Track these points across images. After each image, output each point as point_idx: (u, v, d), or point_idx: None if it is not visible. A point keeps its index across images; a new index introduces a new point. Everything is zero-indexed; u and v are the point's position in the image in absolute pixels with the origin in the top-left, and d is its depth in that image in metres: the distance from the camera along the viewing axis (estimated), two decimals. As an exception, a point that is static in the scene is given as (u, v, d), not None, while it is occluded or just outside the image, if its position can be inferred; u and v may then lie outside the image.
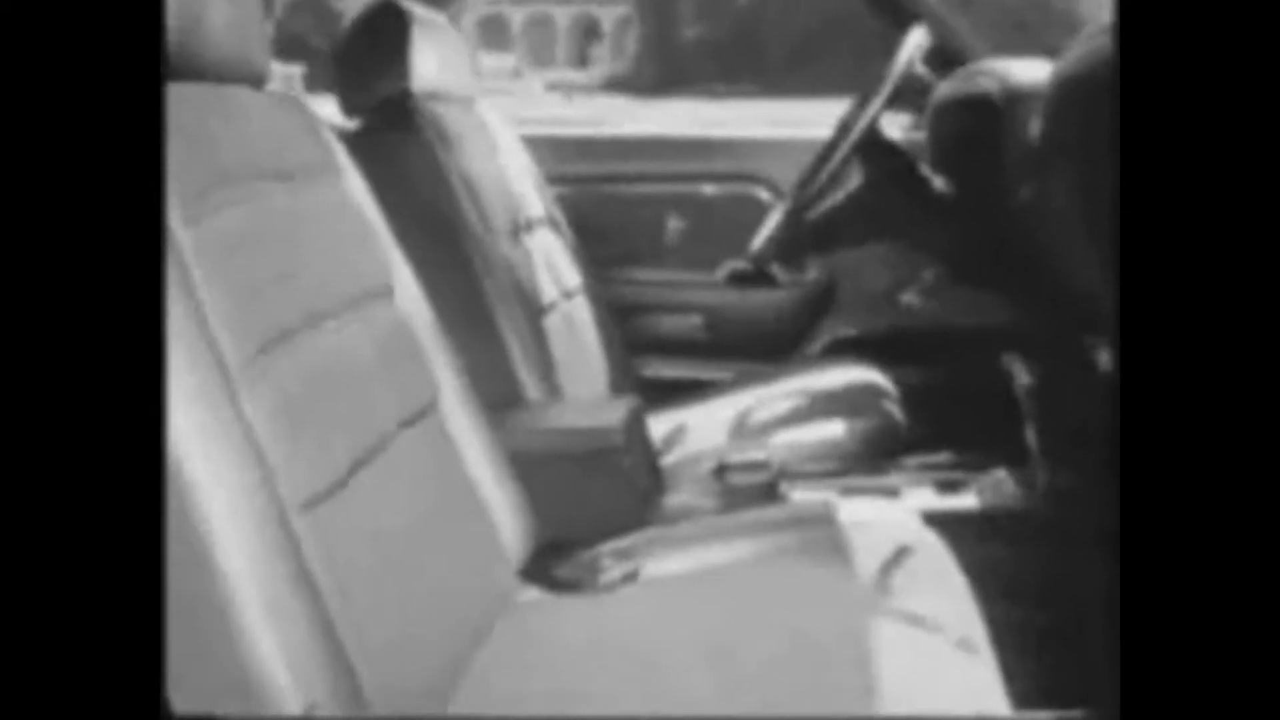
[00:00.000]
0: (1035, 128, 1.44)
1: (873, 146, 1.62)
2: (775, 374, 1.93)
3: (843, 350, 2.07)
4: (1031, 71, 1.49)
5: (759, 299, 2.14)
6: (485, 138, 1.80)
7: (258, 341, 0.95)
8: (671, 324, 2.17)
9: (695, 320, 2.16)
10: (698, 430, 1.75)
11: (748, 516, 1.36)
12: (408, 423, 1.17)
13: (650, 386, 2.05)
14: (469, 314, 1.42)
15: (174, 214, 0.91)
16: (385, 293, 1.22)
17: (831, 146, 1.85)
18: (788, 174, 2.08)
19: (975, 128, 1.56)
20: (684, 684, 0.98)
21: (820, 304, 2.14)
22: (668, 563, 1.26)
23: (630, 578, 1.25)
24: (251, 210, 1.02)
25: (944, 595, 1.09)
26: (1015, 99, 1.46)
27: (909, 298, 2.06)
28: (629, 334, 2.09)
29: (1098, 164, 1.21)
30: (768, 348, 2.12)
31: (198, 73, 1.02)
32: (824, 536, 1.24)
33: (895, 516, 1.28)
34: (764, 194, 2.14)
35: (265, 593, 0.86)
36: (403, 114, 1.64)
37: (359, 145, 1.26)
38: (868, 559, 1.16)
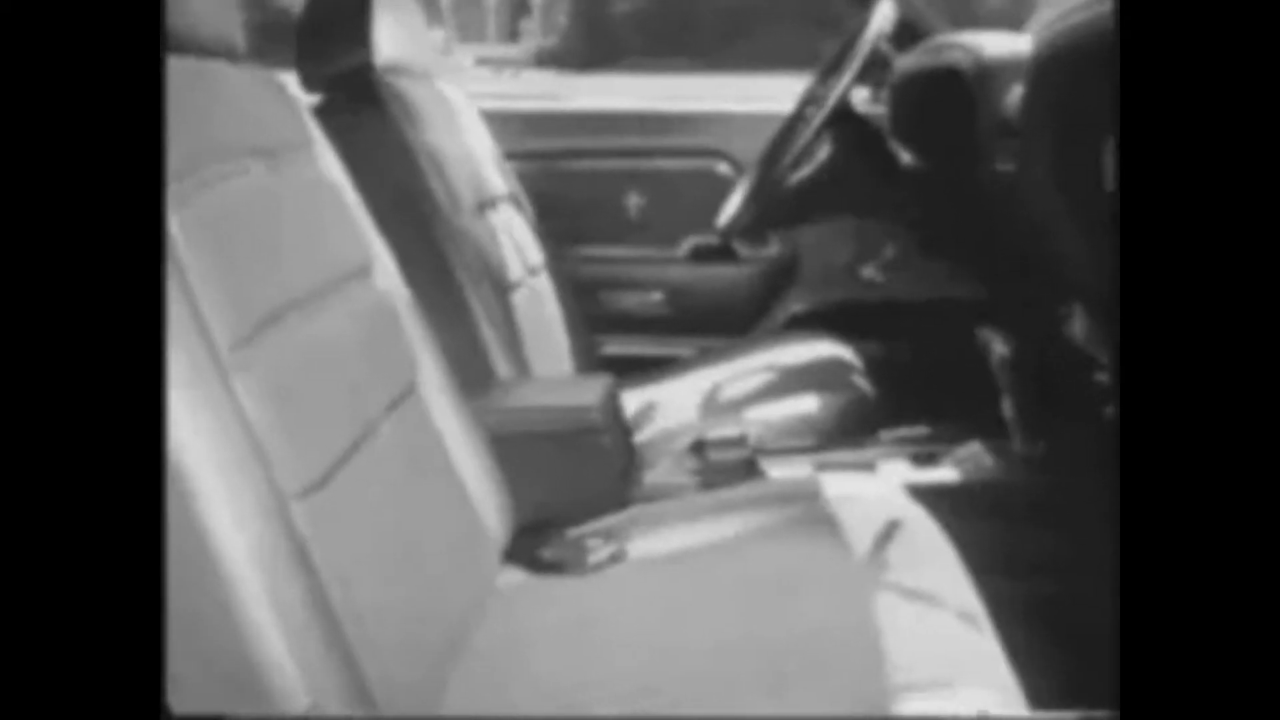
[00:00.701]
0: (1009, 100, 1.44)
1: (842, 120, 1.61)
2: (740, 349, 1.93)
3: (804, 325, 2.08)
4: (1002, 44, 1.50)
5: (721, 274, 2.13)
6: (447, 112, 1.77)
7: (248, 326, 0.92)
8: (633, 300, 2.15)
9: (657, 296, 2.14)
10: (668, 407, 1.74)
11: (732, 494, 1.35)
12: (392, 406, 1.14)
13: (612, 364, 2.03)
14: (439, 292, 1.39)
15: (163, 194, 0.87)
16: (364, 272, 1.19)
17: (795, 120, 1.85)
18: (748, 148, 2.08)
19: (944, 101, 1.57)
20: (692, 664, 0.97)
21: (782, 279, 2.14)
22: (654, 542, 1.25)
23: (617, 558, 1.24)
24: (236, 189, 0.98)
25: (939, 568, 1.10)
26: (987, 72, 1.47)
27: (870, 272, 2.06)
28: (589, 311, 2.07)
29: (1079, 136, 1.22)
30: (729, 323, 2.12)
31: (177, 45, 0.98)
32: (812, 512, 1.23)
33: (881, 491, 1.28)
34: (724, 168, 2.13)
35: (268, 584, 0.83)
36: (365, 88, 1.60)
37: (321, 121, 1.23)
38: (859, 534, 1.16)
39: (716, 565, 1.16)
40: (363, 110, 1.58)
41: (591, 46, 3.35)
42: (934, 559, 1.11)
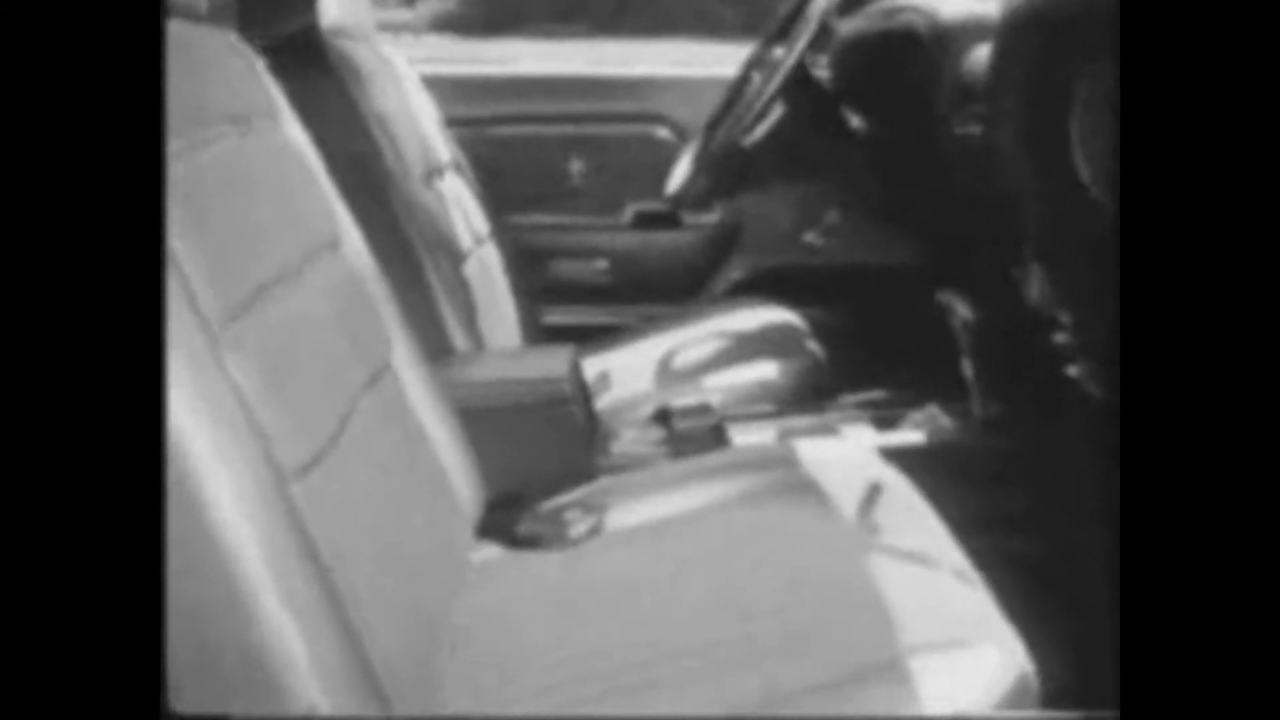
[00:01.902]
0: (968, 63, 1.45)
1: (796, 85, 1.61)
2: (689, 316, 1.92)
3: (747, 291, 2.08)
4: (957, 6, 1.51)
5: (664, 241, 2.12)
6: (391, 76, 1.72)
7: (236, 301, 0.89)
8: (576, 269, 2.13)
9: (601, 264, 2.12)
10: (622, 376, 1.73)
11: (704, 462, 1.35)
12: (371, 381, 1.11)
13: (556, 333, 2.01)
14: (396, 263, 1.35)
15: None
16: (334, 244, 1.15)
17: (741, 84, 1.84)
18: (690, 113, 2.06)
19: (898, 64, 1.57)
20: (694, 630, 0.96)
21: (725, 245, 2.14)
22: (631, 513, 1.24)
23: (595, 530, 1.23)
24: (214, 157, 0.94)
25: (925, 529, 1.11)
26: (944, 35, 1.47)
27: (812, 237, 2.07)
28: (532, 280, 2.04)
29: (1048, 100, 1.24)
30: (673, 290, 2.11)
31: None
32: (791, 477, 1.24)
33: (855, 455, 1.29)
34: (665, 133, 2.12)
35: (275, 570, 0.80)
36: (312, 51, 1.55)
37: None
38: (843, 497, 1.17)
39: (701, 533, 1.15)
40: (309, 74, 1.52)
41: (490, 11, 3.29)
42: (919, 520, 1.12)
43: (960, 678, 0.87)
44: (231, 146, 0.98)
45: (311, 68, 1.53)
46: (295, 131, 1.16)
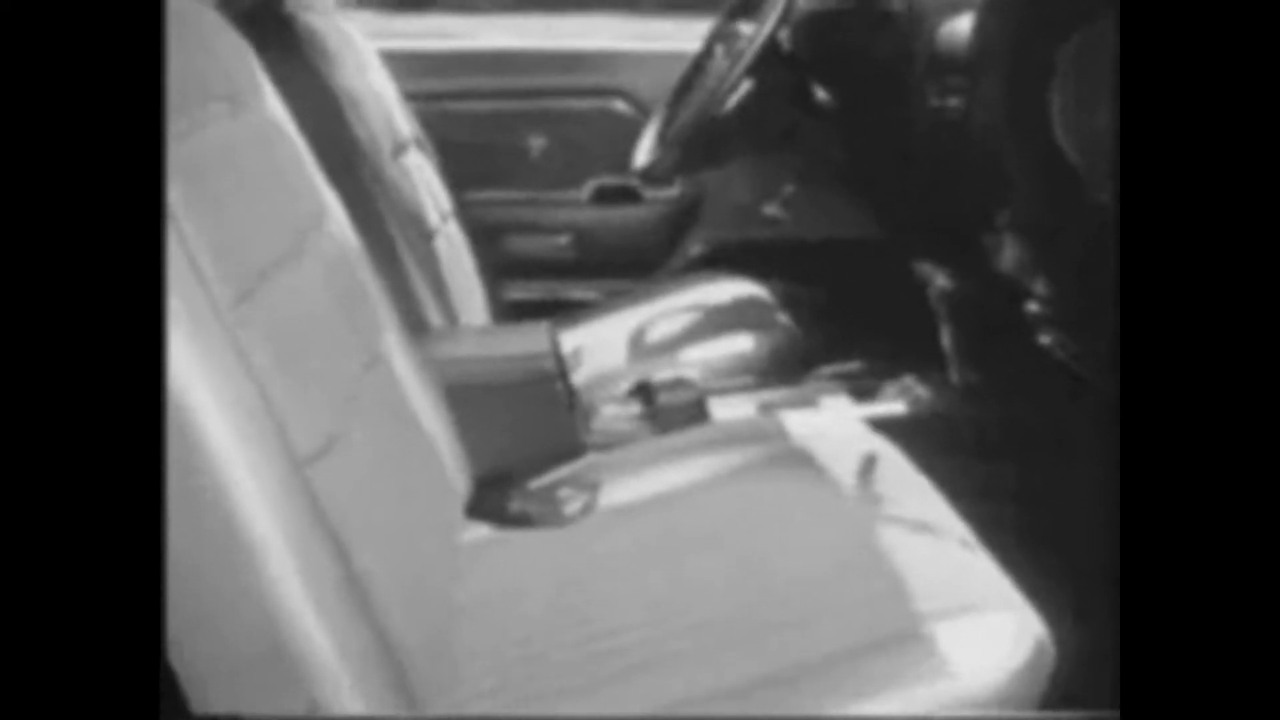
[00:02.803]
0: (943, 35, 1.47)
1: (768, 58, 1.60)
2: (656, 291, 1.92)
3: (709, 264, 2.08)
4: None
5: (625, 216, 2.11)
6: (355, 53, 1.68)
7: (243, 283, 0.87)
8: (536, 244, 2.11)
9: (561, 240, 2.11)
10: (594, 351, 1.72)
11: (693, 436, 1.35)
12: (370, 361, 1.10)
13: (519, 309, 1.99)
14: (371, 241, 1.33)
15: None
16: (322, 221, 1.13)
17: (704, 58, 1.84)
18: (649, 88, 2.05)
19: (869, 38, 1.58)
20: (713, 603, 0.97)
21: (685, 219, 2.13)
22: (624, 489, 1.24)
23: (590, 507, 1.23)
24: (212, 136, 0.92)
25: (924, 499, 1.12)
26: (919, 11, 1.48)
27: (771, 210, 2.07)
28: (493, 257, 2.02)
29: (1028, 72, 1.25)
30: (635, 265, 2.10)
31: None
32: (784, 450, 1.24)
33: (844, 427, 1.30)
34: (624, 107, 2.10)
35: (299, 560, 0.79)
36: (278, 26, 1.51)
37: None
38: (839, 469, 1.18)
39: (702, 506, 1.16)
40: (277, 48, 1.48)
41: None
42: (917, 490, 1.14)
43: (980, 644, 0.88)
44: (225, 126, 0.96)
45: (278, 41, 1.49)
46: (279, 108, 1.13)
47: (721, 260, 2.06)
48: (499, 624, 1.00)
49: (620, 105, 2.10)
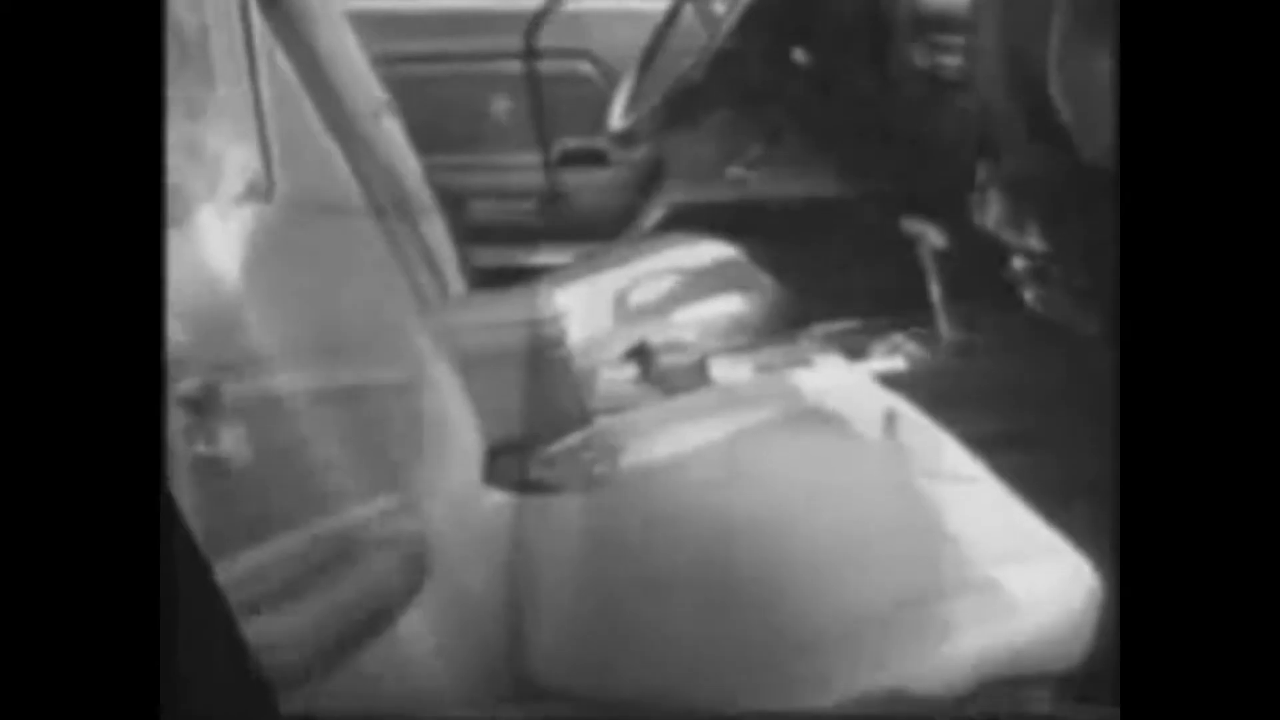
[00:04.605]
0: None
1: (752, 18, 1.60)
2: (629, 253, 1.91)
3: (677, 226, 2.07)
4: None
5: (591, 179, 2.09)
6: (327, 10, 1.63)
7: None
8: (501, 209, 2.08)
9: (526, 205, 2.08)
10: (578, 315, 1.70)
11: (705, 397, 1.35)
12: (390, 330, 1.08)
13: (487, 276, 1.97)
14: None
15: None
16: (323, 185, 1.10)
17: (673, 17, 1.83)
18: (615, 49, 2.03)
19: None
20: (768, 555, 0.97)
21: (650, 180, 2.12)
22: (647, 451, 1.24)
23: (612, 470, 1.22)
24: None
25: (950, 451, 1.14)
26: None
27: (736, 171, 2.07)
28: (456, 222, 1.99)
29: (1026, 31, 1.27)
30: (602, 228, 2.09)
31: None
32: (803, 407, 1.25)
33: (857, 383, 1.31)
34: (589, 68, 2.08)
35: None
36: (258, -16, 1.45)
37: None
38: (862, 424, 1.19)
39: (733, 464, 1.16)
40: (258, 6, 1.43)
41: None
42: (941, 442, 1.16)
43: (1041, 587, 0.91)
44: None
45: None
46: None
47: (690, 221, 2.05)
48: (557, 584, 1.00)
49: (585, 67, 2.08)
